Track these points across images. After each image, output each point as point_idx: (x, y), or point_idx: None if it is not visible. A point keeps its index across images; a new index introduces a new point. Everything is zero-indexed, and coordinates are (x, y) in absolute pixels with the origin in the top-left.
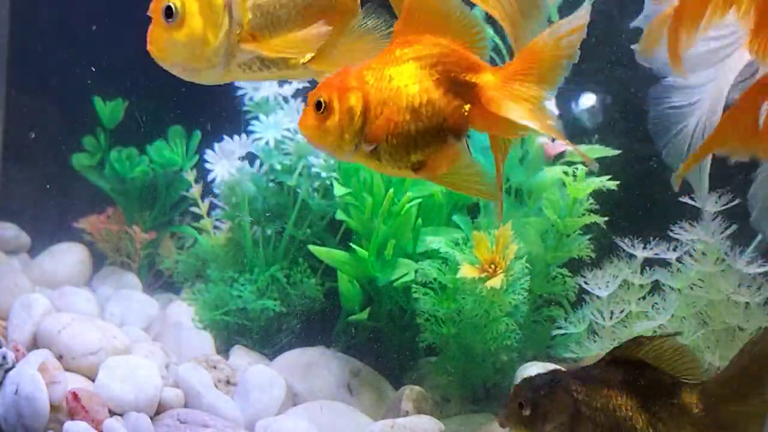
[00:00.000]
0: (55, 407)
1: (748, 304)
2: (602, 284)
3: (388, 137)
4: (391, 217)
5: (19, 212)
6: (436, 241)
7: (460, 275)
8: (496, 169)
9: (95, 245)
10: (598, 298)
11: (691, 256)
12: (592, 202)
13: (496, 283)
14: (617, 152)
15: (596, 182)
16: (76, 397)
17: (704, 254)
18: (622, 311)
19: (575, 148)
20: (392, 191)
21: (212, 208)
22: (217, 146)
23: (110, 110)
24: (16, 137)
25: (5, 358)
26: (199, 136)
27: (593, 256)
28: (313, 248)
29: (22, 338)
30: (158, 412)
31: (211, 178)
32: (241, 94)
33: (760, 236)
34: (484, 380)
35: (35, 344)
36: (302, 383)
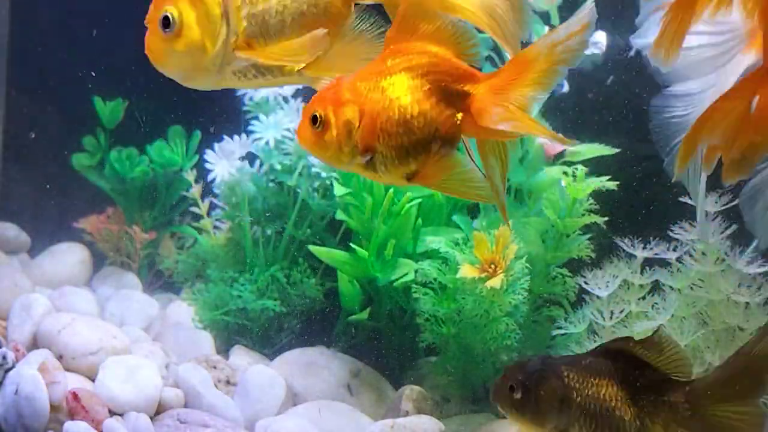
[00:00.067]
0: (55, 407)
1: (748, 304)
2: (602, 284)
3: (382, 149)
4: (391, 217)
5: (19, 212)
6: (436, 241)
7: (460, 275)
8: (486, 173)
9: (95, 245)
10: (598, 298)
11: (691, 256)
12: (591, 202)
13: (496, 283)
14: (615, 151)
15: (596, 182)
16: (76, 397)
17: (704, 254)
18: (622, 311)
19: (557, 137)
20: (392, 191)
21: (212, 208)
22: (217, 146)
23: (110, 110)
24: (16, 137)
25: (5, 358)
26: (199, 136)
27: (593, 256)
28: (313, 248)
29: (22, 338)
30: (158, 412)
31: (211, 178)
32: (241, 94)
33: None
34: (484, 380)
35: (35, 344)
36: (302, 383)
